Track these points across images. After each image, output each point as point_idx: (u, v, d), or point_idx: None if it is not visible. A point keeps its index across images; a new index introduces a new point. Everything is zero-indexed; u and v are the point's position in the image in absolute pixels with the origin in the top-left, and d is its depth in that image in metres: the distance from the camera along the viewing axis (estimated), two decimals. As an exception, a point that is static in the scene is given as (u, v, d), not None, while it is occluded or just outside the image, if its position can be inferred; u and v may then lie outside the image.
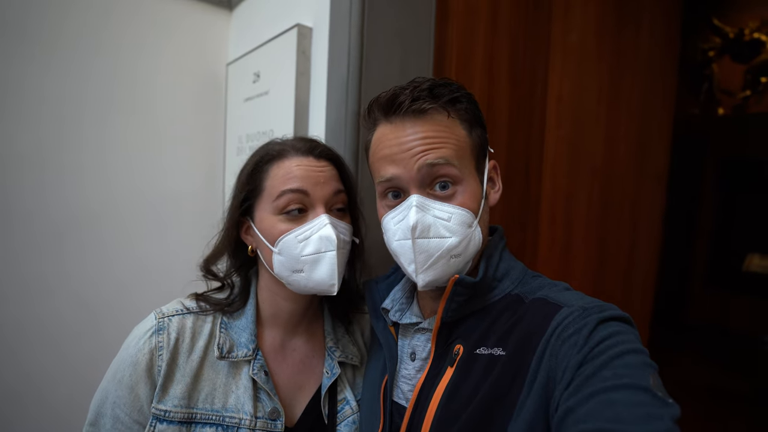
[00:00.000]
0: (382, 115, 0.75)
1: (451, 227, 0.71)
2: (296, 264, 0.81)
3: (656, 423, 0.47)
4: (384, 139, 0.75)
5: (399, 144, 0.72)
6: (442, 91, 0.72)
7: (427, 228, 0.71)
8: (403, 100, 0.71)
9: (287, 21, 1.35)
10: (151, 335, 0.81)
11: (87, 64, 1.46)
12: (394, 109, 0.73)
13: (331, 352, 0.93)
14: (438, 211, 0.72)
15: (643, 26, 2.02)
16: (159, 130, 1.62)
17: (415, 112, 0.71)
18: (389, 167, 0.73)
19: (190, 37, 1.66)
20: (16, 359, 1.39)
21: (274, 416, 0.83)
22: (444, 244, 0.71)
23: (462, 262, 0.74)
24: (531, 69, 1.60)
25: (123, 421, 0.78)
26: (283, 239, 0.81)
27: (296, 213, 0.82)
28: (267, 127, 1.44)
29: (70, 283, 1.47)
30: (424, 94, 0.71)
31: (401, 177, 0.72)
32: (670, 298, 5.00)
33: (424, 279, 0.73)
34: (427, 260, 0.72)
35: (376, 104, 0.76)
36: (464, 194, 0.73)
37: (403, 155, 0.71)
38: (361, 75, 1.14)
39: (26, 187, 1.39)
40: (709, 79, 5.16)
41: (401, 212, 0.73)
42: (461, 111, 0.74)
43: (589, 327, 0.60)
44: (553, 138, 1.71)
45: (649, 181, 2.18)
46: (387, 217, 0.76)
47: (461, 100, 0.74)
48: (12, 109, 1.35)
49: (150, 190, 1.60)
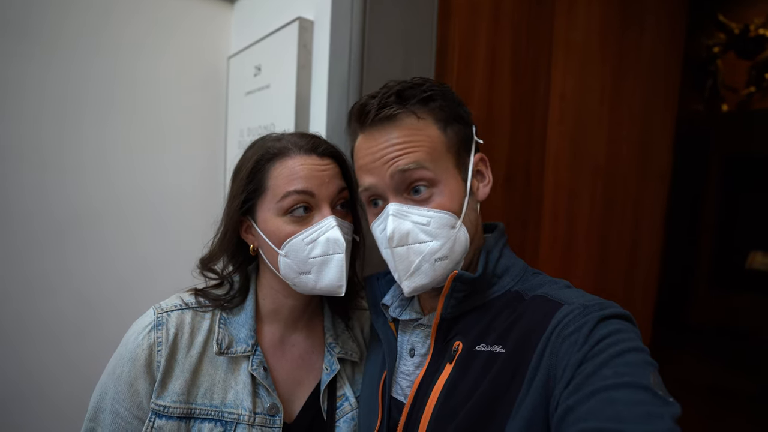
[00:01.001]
0: (357, 126, 0.76)
1: (431, 231, 0.71)
2: (304, 266, 0.80)
3: (657, 422, 0.47)
4: (359, 149, 0.76)
5: (372, 153, 0.72)
6: (412, 93, 0.72)
7: (405, 235, 0.71)
8: (370, 108, 0.72)
9: (288, 14, 1.35)
10: (150, 331, 0.80)
11: (88, 61, 1.45)
12: (363, 118, 0.73)
13: (330, 348, 0.93)
14: (416, 216, 0.71)
15: (647, 27, 2.01)
16: (160, 125, 1.61)
17: (383, 120, 0.71)
18: (366, 177, 0.74)
19: (192, 31, 1.65)
20: (18, 356, 1.39)
21: (273, 412, 0.83)
22: (425, 249, 0.71)
23: (449, 265, 0.73)
24: (534, 65, 1.59)
25: (122, 416, 0.78)
26: (290, 242, 0.80)
27: (302, 213, 0.80)
28: (268, 121, 1.43)
29: (72, 281, 1.47)
30: (392, 99, 0.71)
31: (377, 185, 0.73)
32: (672, 296, 4.99)
33: (408, 286, 0.73)
34: (409, 267, 0.72)
35: (351, 114, 0.77)
36: (442, 196, 0.72)
37: (376, 164, 0.72)
38: (362, 69, 1.13)
39: (27, 185, 1.39)
40: (714, 76, 5.13)
41: (382, 221, 0.74)
42: (435, 110, 0.73)
43: (590, 325, 0.59)
44: (556, 135, 1.70)
45: (651, 179, 2.17)
46: (373, 226, 0.78)
47: (434, 99, 0.73)
48: (13, 107, 1.35)
49: (151, 186, 1.60)
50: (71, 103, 1.44)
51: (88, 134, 1.47)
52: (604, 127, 1.88)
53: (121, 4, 1.50)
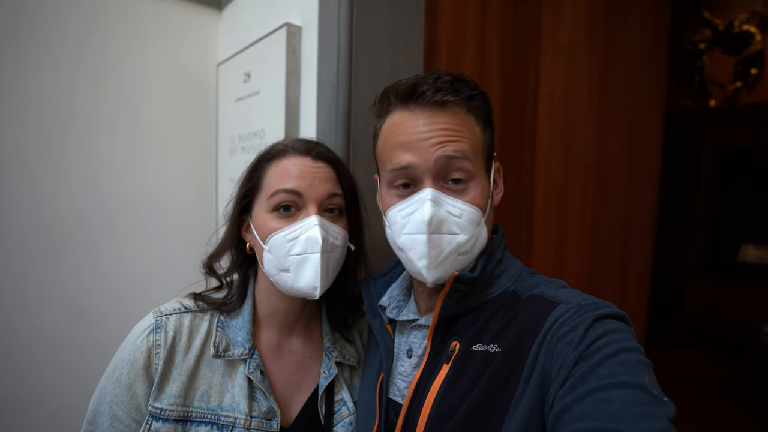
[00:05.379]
0: (400, 102, 0.74)
1: (462, 224, 0.71)
2: (284, 263, 0.81)
3: (652, 422, 0.47)
4: (400, 125, 0.73)
5: (417, 132, 0.71)
6: (462, 87, 0.72)
7: (440, 223, 0.70)
8: (426, 89, 0.71)
9: (276, 20, 1.35)
10: (149, 333, 0.81)
11: (76, 69, 1.44)
12: (415, 97, 0.72)
13: (328, 352, 0.93)
14: (450, 206, 0.71)
15: (632, 18, 2.03)
16: (151, 133, 1.60)
17: (437, 104, 0.71)
18: (404, 155, 0.71)
19: (180, 38, 1.65)
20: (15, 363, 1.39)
21: (270, 416, 0.83)
22: (454, 241, 0.70)
23: (468, 260, 0.73)
24: (522, 64, 1.60)
25: (121, 419, 0.79)
26: (273, 237, 0.82)
27: (284, 212, 0.82)
28: (259, 128, 1.43)
29: (65, 289, 1.46)
30: (447, 86, 0.71)
31: (417, 166, 0.71)
32: (666, 290, 5.03)
33: (434, 275, 0.71)
34: (439, 256, 0.70)
35: (393, 91, 0.75)
36: (476, 191, 0.72)
37: (421, 144, 0.70)
38: (351, 72, 1.13)
39: (17, 194, 1.38)
40: (701, 72, 5.19)
41: (412, 205, 0.72)
42: (477, 109, 0.74)
43: (585, 325, 0.59)
44: (546, 133, 1.71)
45: (642, 175, 2.19)
46: (394, 209, 0.75)
47: (477, 99, 0.74)
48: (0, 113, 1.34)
49: (142, 194, 1.59)
50: (59, 111, 1.43)
51: (76, 142, 1.46)
52: (594, 124, 1.89)
53: (108, 12, 1.49)
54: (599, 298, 0.66)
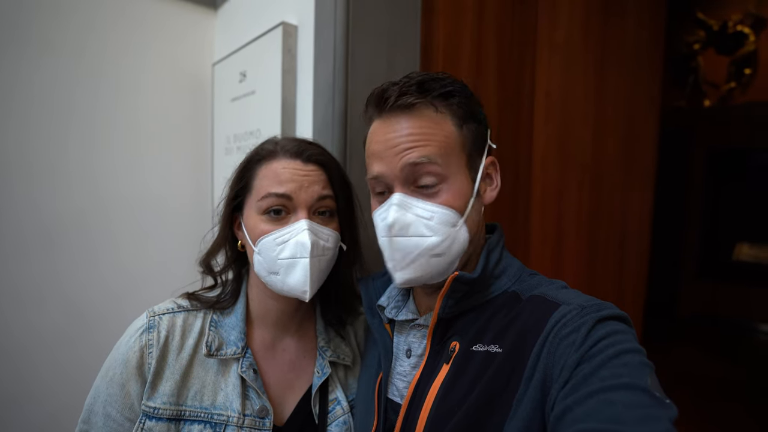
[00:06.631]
0: (375, 111, 0.75)
1: (433, 226, 0.70)
2: (273, 266, 0.82)
3: (655, 424, 0.47)
4: (373, 135, 0.75)
5: (385, 141, 0.72)
6: (433, 86, 0.71)
7: (406, 226, 0.70)
8: (390, 94, 0.71)
9: (272, 19, 1.34)
10: (142, 333, 0.82)
11: (73, 69, 1.44)
12: (383, 103, 0.72)
13: (322, 351, 0.93)
14: (419, 209, 0.71)
15: (628, 17, 2.03)
16: (147, 133, 1.59)
17: (402, 107, 0.71)
18: (375, 164, 0.74)
19: (176, 38, 1.64)
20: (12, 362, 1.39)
21: (263, 414, 0.83)
22: (423, 243, 0.70)
23: (444, 262, 0.73)
24: (519, 63, 1.60)
25: (114, 419, 0.79)
26: (262, 240, 0.82)
27: (274, 215, 0.82)
28: (254, 127, 1.42)
29: (61, 288, 1.46)
30: (413, 88, 0.70)
31: (386, 175, 0.72)
32: (662, 289, 5.05)
33: (401, 276, 0.72)
34: (404, 258, 0.71)
35: (370, 99, 0.76)
36: (449, 193, 0.71)
37: (388, 152, 0.71)
38: (347, 72, 1.13)
39: (14, 193, 1.37)
40: (695, 72, 5.22)
41: (385, 210, 0.73)
42: (453, 106, 0.73)
43: (587, 326, 0.59)
44: (542, 133, 1.71)
45: (638, 174, 2.19)
46: (375, 214, 0.77)
47: (454, 94, 0.73)
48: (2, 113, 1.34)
49: (138, 193, 1.58)
50: (59, 110, 1.42)
51: (73, 142, 1.45)
52: (590, 123, 1.89)
53: (104, 12, 1.48)
54: (597, 296, 0.66)
